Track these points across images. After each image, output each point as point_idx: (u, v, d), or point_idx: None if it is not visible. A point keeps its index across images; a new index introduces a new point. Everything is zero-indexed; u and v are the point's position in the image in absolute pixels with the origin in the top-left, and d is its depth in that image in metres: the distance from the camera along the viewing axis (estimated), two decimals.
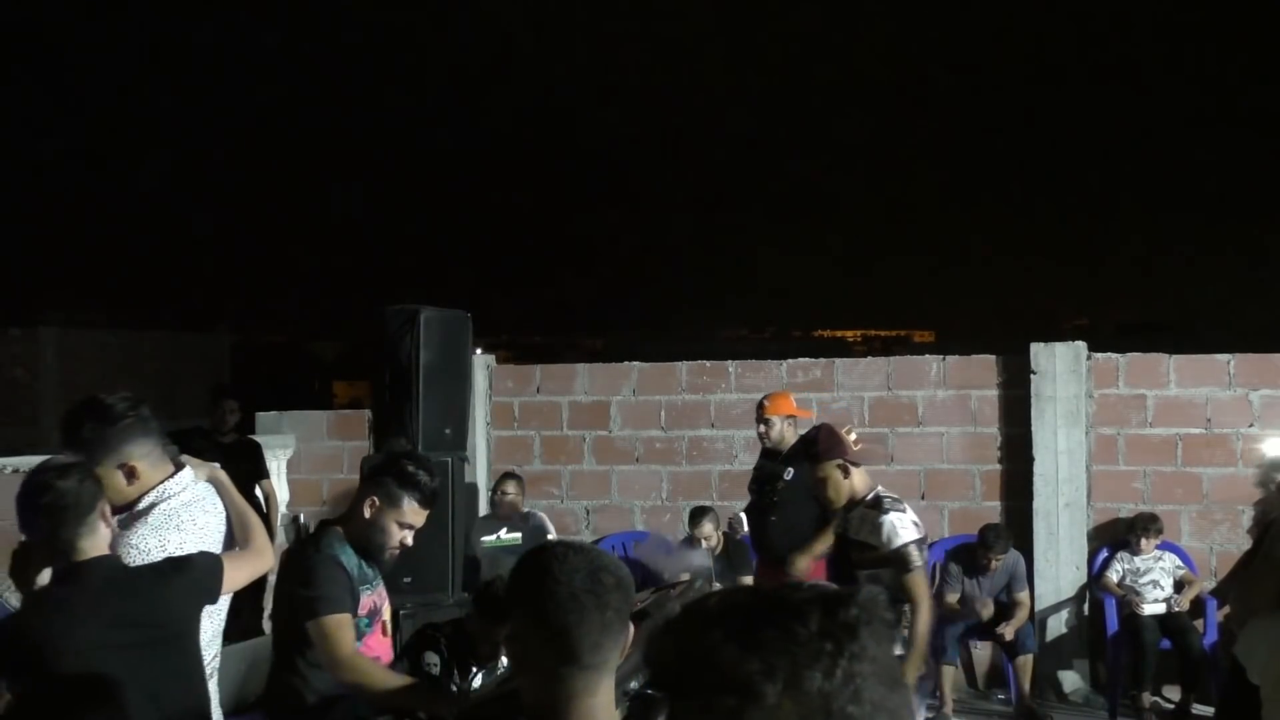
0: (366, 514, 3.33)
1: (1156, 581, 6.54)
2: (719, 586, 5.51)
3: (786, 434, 5.97)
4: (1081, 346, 6.93)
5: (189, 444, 3.93)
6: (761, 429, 6.08)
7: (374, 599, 3.38)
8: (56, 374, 17.37)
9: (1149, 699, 6.41)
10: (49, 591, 2.67)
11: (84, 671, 2.46)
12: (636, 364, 7.69)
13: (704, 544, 6.53)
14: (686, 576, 5.24)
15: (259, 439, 7.47)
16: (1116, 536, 6.77)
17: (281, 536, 7.00)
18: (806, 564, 5.59)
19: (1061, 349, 6.91)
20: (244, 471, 6.57)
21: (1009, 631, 6.49)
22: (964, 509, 7.08)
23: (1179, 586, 6.56)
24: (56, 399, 16.16)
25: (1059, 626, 6.87)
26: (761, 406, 6.12)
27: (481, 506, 7.47)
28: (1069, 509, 6.82)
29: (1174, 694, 6.48)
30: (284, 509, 7.50)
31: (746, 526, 6.28)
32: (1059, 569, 6.84)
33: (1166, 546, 6.64)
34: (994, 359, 7.13)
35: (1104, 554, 6.76)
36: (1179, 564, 6.62)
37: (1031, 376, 6.90)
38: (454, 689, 4.07)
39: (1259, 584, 2.86)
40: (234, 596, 3.20)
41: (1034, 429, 6.87)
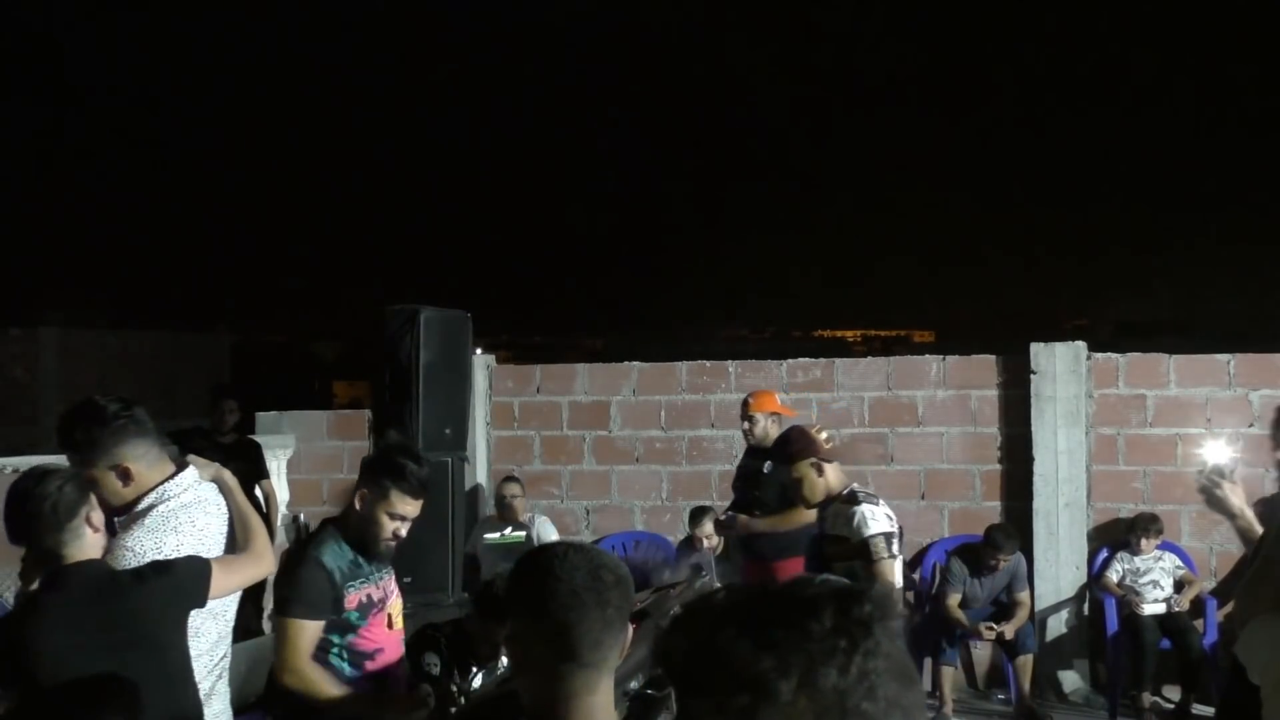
0: (358, 507, 3.43)
1: (1156, 581, 6.54)
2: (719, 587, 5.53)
3: (771, 431, 6.05)
4: (1081, 346, 6.93)
5: (188, 444, 3.93)
6: (746, 426, 6.18)
7: (370, 591, 3.41)
8: (56, 374, 17.35)
9: (1149, 699, 6.42)
10: (34, 596, 2.67)
11: (61, 674, 2.45)
12: (636, 364, 7.69)
13: (705, 544, 6.54)
14: (686, 576, 5.25)
15: (259, 439, 7.47)
16: (1116, 536, 6.77)
17: (282, 536, 7.00)
18: (765, 526, 5.78)
19: (1061, 349, 6.91)
20: (244, 472, 6.55)
21: (1009, 631, 6.49)
22: (964, 509, 7.08)
23: (1179, 586, 6.56)
24: (56, 399, 16.15)
25: (1059, 626, 6.87)
26: (746, 404, 6.22)
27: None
28: (1069, 509, 6.82)
29: (1174, 694, 6.48)
30: (284, 509, 7.50)
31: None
32: (1059, 569, 6.84)
33: (1166, 546, 6.64)
34: (994, 359, 7.13)
35: (1104, 554, 6.76)
36: (1179, 564, 6.62)
37: (1031, 376, 6.90)
38: (454, 689, 4.08)
39: (1260, 584, 2.86)
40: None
41: (1034, 429, 6.87)
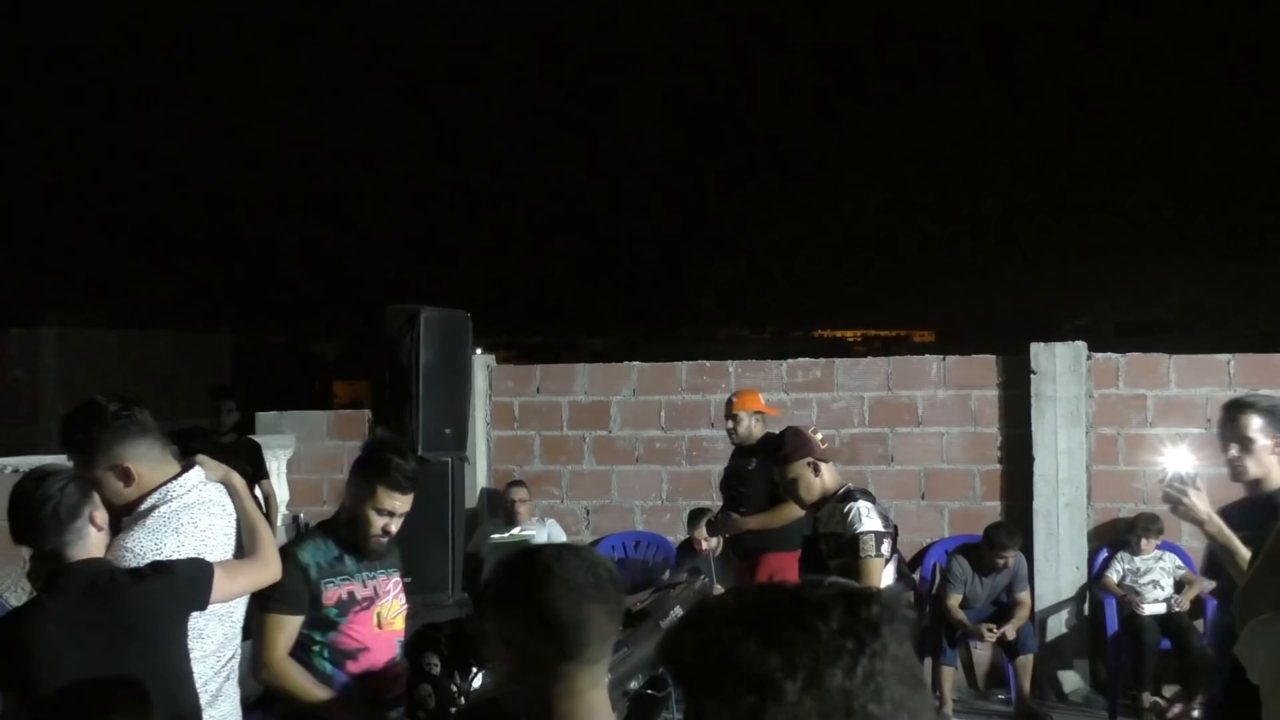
0: (348, 505, 3.46)
1: (1157, 581, 6.54)
2: (719, 588, 5.52)
3: (754, 429, 6.13)
4: (1081, 346, 6.93)
5: (188, 444, 3.93)
6: (730, 425, 6.23)
7: (352, 588, 3.41)
8: (56, 374, 17.35)
9: (1149, 699, 6.41)
10: (36, 595, 2.67)
11: (58, 673, 2.45)
12: (636, 364, 7.69)
13: (704, 545, 6.54)
14: (685, 576, 5.25)
15: (259, 439, 7.47)
16: (1116, 536, 6.77)
17: (282, 536, 7.00)
18: (757, 523, 5.83)
19: (1061, 349, 6.91)
20: (244, 472, 6.55)
21: (1009, 631, 6.49)
22: (964, 509, 7.08)
23: (1179, 586, 6.55)
24: (56, 399, 16.16)
25: (1059, 626, 6.87)
26: (730, 403, 6.26)
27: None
28: (1069, 509, 6.82)
29: (1174, 694, 6.48)
30: (284, 509, 7.50)
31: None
32: (1059, 569, 6.84)
33: (1167, 546, 6.64)
34: (994, 359, 7.13)
35: (1104, 554, 6.76)
36: (1179, 564, 6.61)
37: (1031, 376, 6.90)
38: (454, 689, 4.08)
39: (1262, 585, 2.85)
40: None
41: (1034, 429, 6.87)
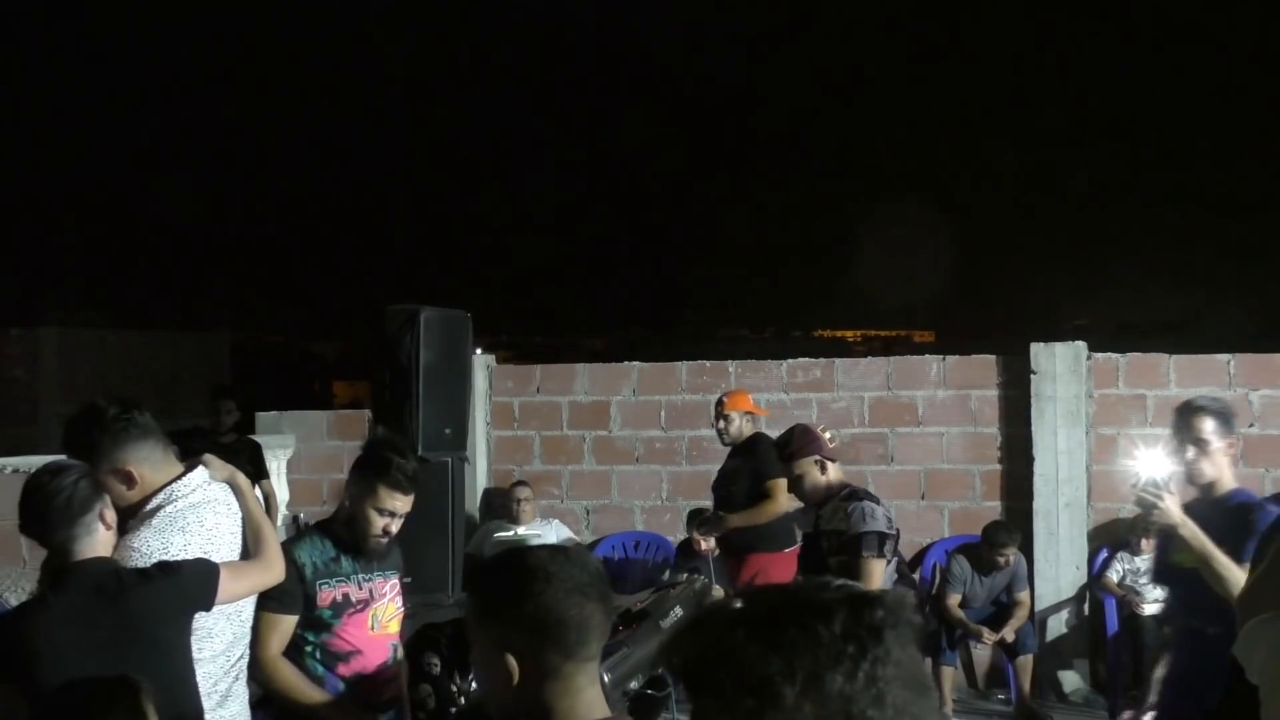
0: (348, 505, 3.40)
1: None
2: (719, 588, 5.53)
3: (745, 430, 6.13)
4: (1081, 346, 6.93)
5: (188, 444, 3.92)
6: (721, 425, 6.22)
7: (347, 590, 3.36)
8: (56, 374, 17.33)
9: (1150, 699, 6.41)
10: (41, 593, 2.67)
11: (60, 671, 2.44)
12: (636, 364, 7.69)
13: (702, 546, 6.53)
14: (685, 576, 5.25)
15: (259, 439, 7.47)
16: (1116, 536, 6.77)
17: (282, 536, 6.98)
18: (739, 521, 5.83)
19: (1061, 349, 6.91)
20: (244, 472, 6.56)
21: (1009, 633, 6.49)
22: (964, 509, 7.07)
23: None
24: (56, 399, 16.15)
25: (1059, 626, 6.87)
26: (720, 403, 6.24)
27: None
28: (1069, 509, 6.82)
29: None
30: (284, 509, 7.49)
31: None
32: (1059, 569, 6.84)
33: None
34: (994, 359, 7.13)
35: (1104, 554, 6.76)
36: None
37: (1031, 376, 6.90)
38: (454, 689, 4.08)
39: (1264, 587, 2.85)
40: None
41: (1034, 429, 6.87)
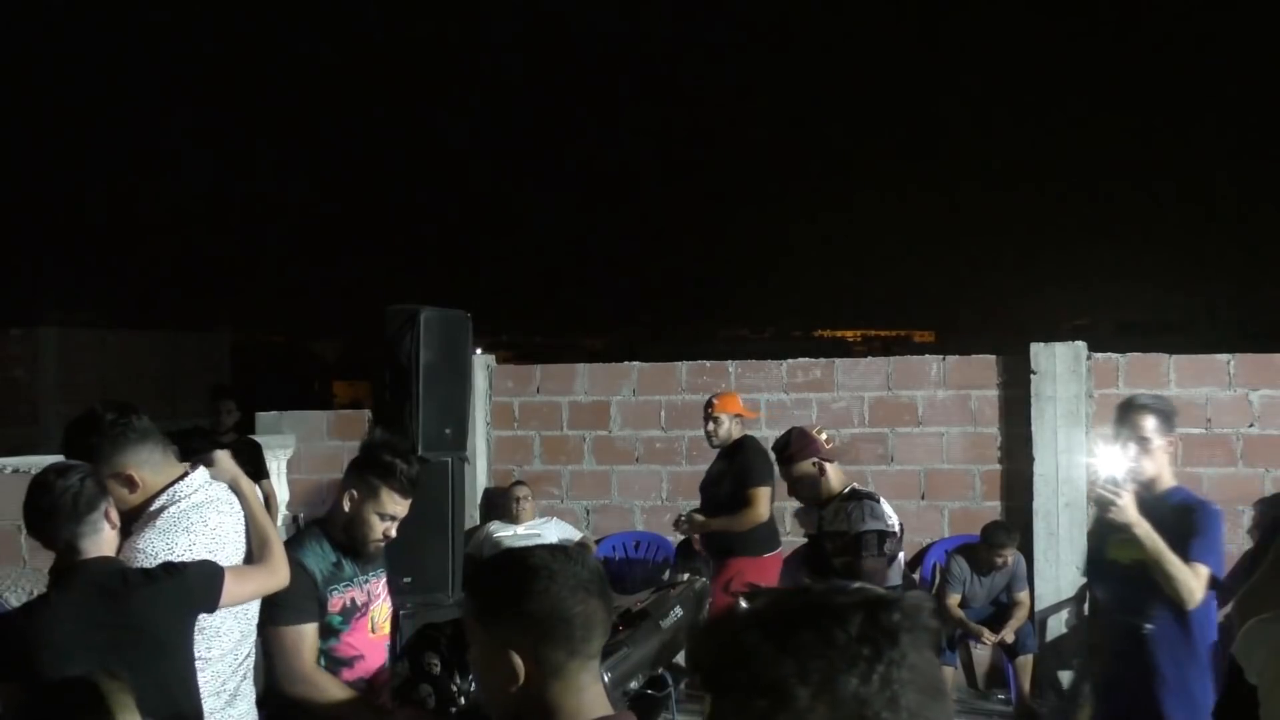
0: (346, 507, 3.29)
1: None
2: None
3: (734, 432, 6.14)
4: (1081, 346, 6.93)
5: (188, 444, 3.92)
6: (710, 426, 6.21)
7: (353, 594, 3.31)
8: (56, 374, 17.34)
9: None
10: (45, 592, 2.66)
11: (62, 670, 2.44)
12: (636, 364, 7.69)
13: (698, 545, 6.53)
14: (686, 576, 5.25)
15: (259, 439, 7.46)
16: None
17: (282, 537, 6.99)
18: (718, 525, 5.88)
19: (1061, 349, 6.91)
20: (245, 472, 6.57)
21: (1009, 634, 6.49)
22: (964, 509, 7.08)
23: None
24: (56, 399, 16.17)
25: (1059, 626, 6.87)
26: (710, 405, 6.23)
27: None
28: (1069, 509, 6.82)
29: None
30: (284, 509, 7.49)
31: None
32: (1059, 569, 6.83)
33: None
34: (994, 359, 7.13)
35: None
36: None
37: (1031, 376, 6.90)
38: (454, 689, 4.07)
39: (1265, 587, 2.85)
40: None
41: (1034, 429, 6.87)
